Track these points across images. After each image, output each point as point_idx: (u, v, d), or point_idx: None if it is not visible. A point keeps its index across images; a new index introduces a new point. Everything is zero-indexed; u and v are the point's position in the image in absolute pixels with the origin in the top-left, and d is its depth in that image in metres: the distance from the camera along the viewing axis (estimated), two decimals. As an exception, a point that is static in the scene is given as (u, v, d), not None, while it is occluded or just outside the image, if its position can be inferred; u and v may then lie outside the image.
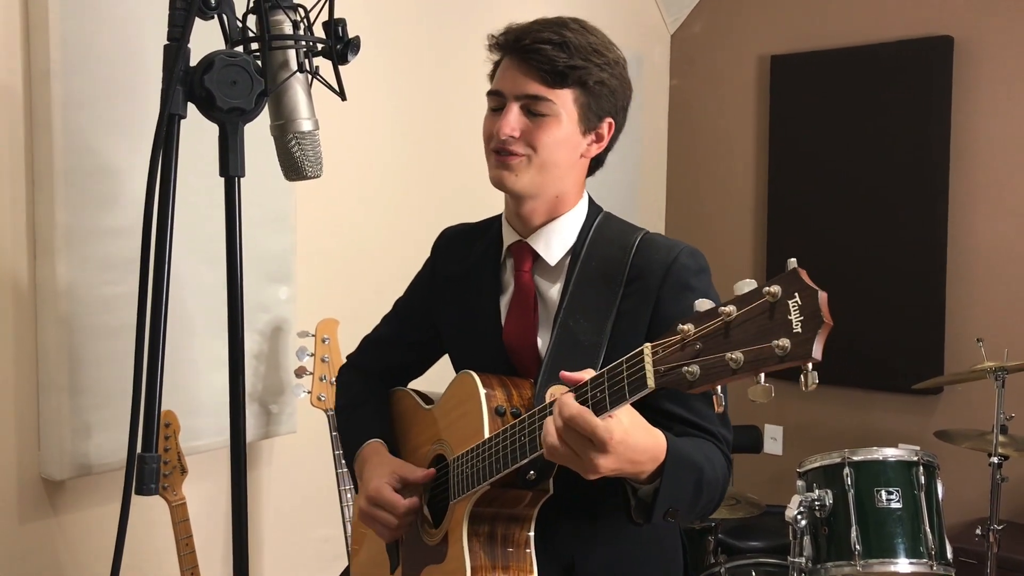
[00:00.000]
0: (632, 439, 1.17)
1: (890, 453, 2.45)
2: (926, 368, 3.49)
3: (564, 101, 1.40)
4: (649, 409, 1.30)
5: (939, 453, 2.58)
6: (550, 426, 1.18)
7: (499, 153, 1.42)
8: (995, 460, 2.71)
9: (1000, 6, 3.50)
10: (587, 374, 1.20)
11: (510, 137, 1.40)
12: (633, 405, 1.16)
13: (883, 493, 2.40)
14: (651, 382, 1.09)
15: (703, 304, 1.05)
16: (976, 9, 3.54)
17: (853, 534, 2.36)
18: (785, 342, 0.94)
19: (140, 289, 1.21)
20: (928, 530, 2.37)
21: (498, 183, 1.45)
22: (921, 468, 2.43)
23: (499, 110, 1.42)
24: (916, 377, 3.19)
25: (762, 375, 0.99)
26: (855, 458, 2.43)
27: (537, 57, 1.38)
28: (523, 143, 1.40)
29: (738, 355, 0.99)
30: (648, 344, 1.11)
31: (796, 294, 0.95)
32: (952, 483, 2.77)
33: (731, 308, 1.01)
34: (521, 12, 1.59)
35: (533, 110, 1.40)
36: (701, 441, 1.36)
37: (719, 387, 1.04)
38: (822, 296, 0.94)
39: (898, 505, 2.39)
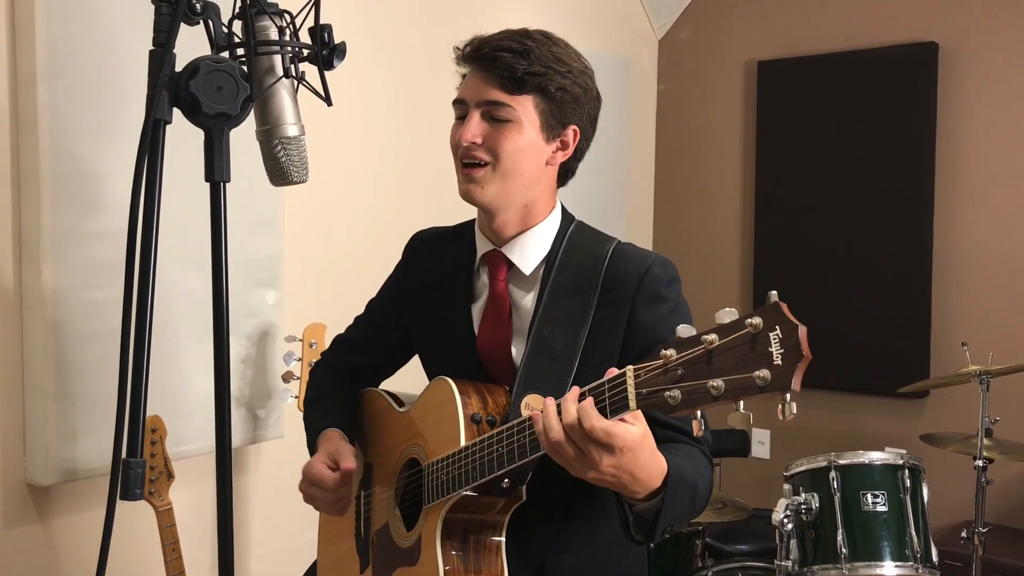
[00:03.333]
0: (639, 455, 1.18)
1: (876, 457, 2.46)
2: (912, 372, 3.51)
3: (525, 107, 1.41)
4: None
5: (925, 456, 2.59)
6: (555, 424, 1.18)
7: (465, 165, 1.44)
8: (980, 463, 2.73)
9: (985, 12, 3.53)
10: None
11: (472, 143, 1.41)
12: None
13: (869, 496, 2.41)
14: (633, 404, 1.12)
15: (685, 330, 1.08)
16: (961, 15, 3.56)
17: (839, 537, 2.37)
18: (765, 373, 0.98)
19: (125, 293, 1.20)
20: (914, 533, 2.38)
21: (467, 197, 1.46)
22: (907, 471, 2.44)
23: (462, 120, 1.45)
24: (902, 381, 3.21)
25: (741, 403, 1.02)
26: (841, 462, 2.44)
27: (497, 64, 1.40)
28: (485, 150, 1.42)
29: (719, 383, 1.02)
30: (631, 367, 1.13)
31: (777, 327, 0.98)
32: (938, 486, 2.78)
33: (713, 336, 1.04)
34: (510, 18, 1.60)
35: (494, 116, 1.41)
36: (691, 451, 1.38)
37: (699, 411, 1.07)
38: (802, 331, 0.97)
39: (884, 508, 2.40)
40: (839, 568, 2.36)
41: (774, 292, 1.01)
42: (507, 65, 1.39)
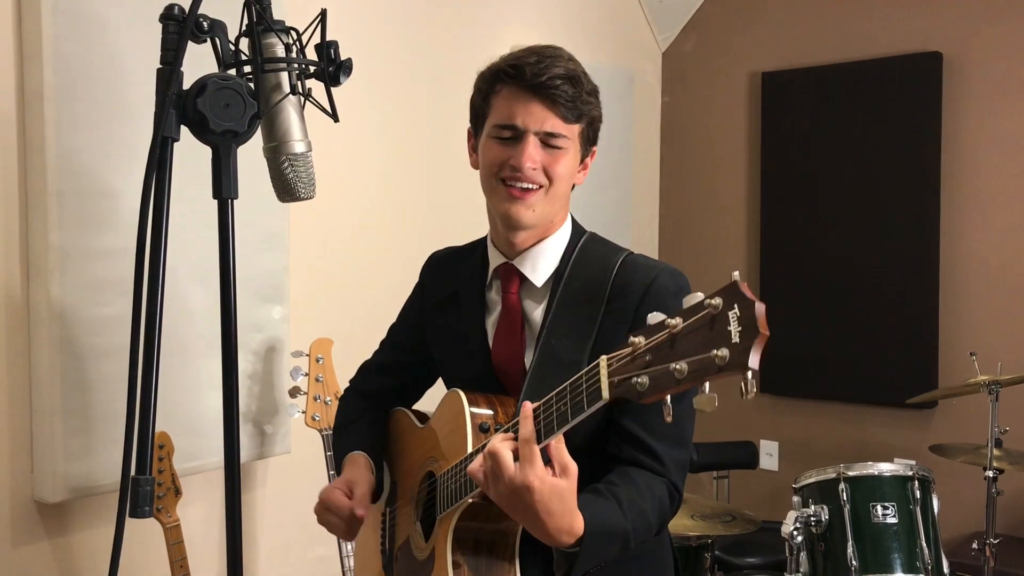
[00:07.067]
0: (544, 504, 1.20)
1: (885, 468, 2.45)
2: (920, 382, 3.50)
3: (574, 135, 1.46)
4: (608, 425, 1.36)
5: (934, 467, 2.58)
6: (478, 459, 1.25)
7: (510, 184, 1.44)
8: (990, 474, 2.71)
9: (988, 22, 3.53)
10: None
11: (533, 168, 1.42)
12: (596, 422, 1.18)
13: (879, 508, 2.40)
14: (606, 393, 1.12)
15: (654, 317, 1.09)
16: (965, 25, 3.57)
17: (849, 549, 2.36)
18: (724, 352, 0.97)
19: (134, 310, 1.21)
20: (924, 545, 2.37)
21: (512, 217, 1.45)
22: (916, 483, 2.43)
23: (509, 140, 1.44)
24: (910, 391, 3.20)
25: (707, 384, 1.01)
26: (851, 473, 2.43)
27: (555, 94, 1.41)
28: (542, 174, 1.44)
29: (682, 365, 1.01)
30: (604, 357, 1.14)
31: (735, 305, 0.98)
32: (948, 497, 2.77)
33: (677, 320, 1.04)
34: (515, 33, 1.60)
35: (550, 143, 1.43)
36: (647, 481, 1.37)
37: (668, 397, 1.06)
38: (759, 307, 0.97)
39: (894, 520, 2.39)
40: (849, 580, 2.35)
41: (736, 271, 1.01)
42: (567, 96, 1.41)
